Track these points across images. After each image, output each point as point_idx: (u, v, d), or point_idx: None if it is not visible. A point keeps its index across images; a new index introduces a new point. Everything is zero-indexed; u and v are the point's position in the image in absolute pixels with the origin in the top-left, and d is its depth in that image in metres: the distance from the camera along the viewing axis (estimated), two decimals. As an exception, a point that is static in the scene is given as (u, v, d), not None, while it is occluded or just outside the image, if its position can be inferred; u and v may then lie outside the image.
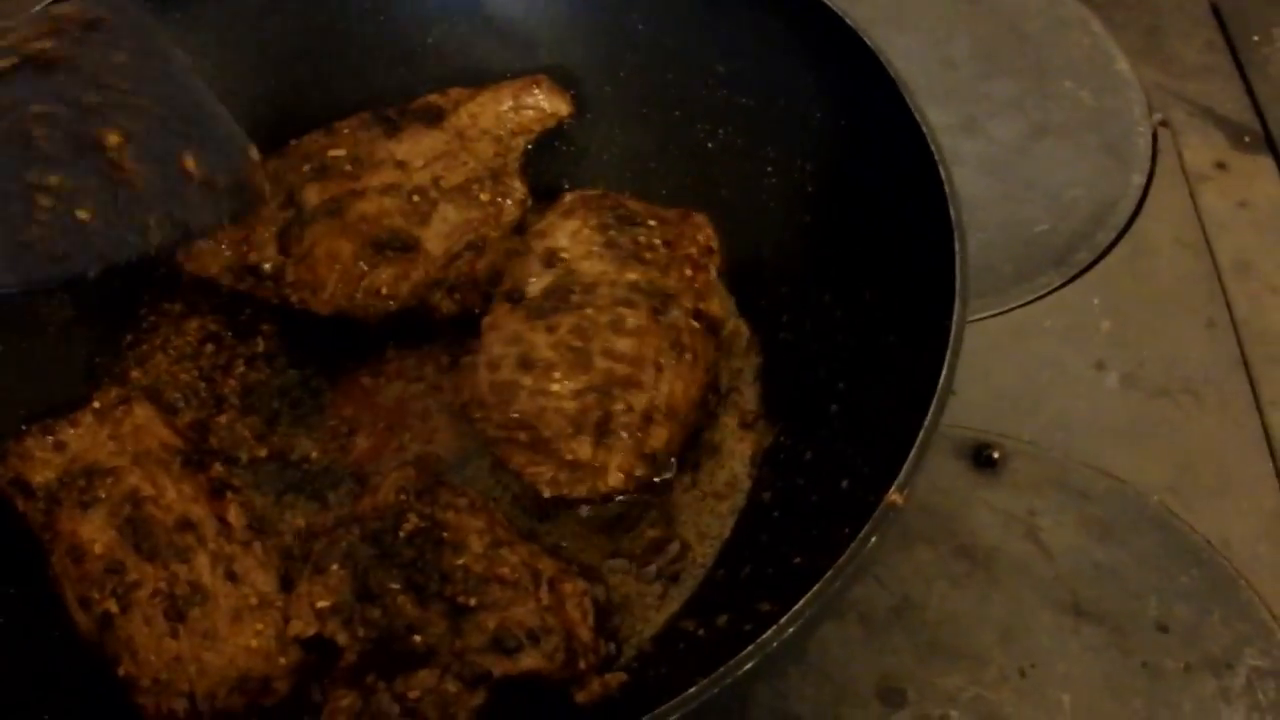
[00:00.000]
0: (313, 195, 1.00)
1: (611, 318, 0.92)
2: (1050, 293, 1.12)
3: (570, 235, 0.97)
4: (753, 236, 1.02)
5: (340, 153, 1.03)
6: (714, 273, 0.99)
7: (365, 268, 0.98)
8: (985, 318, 1.10)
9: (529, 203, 1.05)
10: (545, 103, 1.07)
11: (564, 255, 0.96)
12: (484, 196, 1.03)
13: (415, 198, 1.01)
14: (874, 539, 0.70)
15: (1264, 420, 1.06)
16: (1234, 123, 1.28)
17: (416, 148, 1.04)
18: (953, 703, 0.91)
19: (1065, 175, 1.20)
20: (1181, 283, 1.15)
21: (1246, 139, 1.27)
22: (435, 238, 0.99)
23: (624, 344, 0.91)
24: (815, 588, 0.68)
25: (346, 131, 1.05)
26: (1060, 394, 1.07)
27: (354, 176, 1.01)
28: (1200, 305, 1.13)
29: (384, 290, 0.98)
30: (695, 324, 0.95)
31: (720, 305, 0.99)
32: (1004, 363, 1.07)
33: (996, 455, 1.02)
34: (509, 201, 1.03)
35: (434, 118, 1.05)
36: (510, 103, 1.07)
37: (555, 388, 0.90)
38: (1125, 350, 1.10)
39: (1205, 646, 0.93)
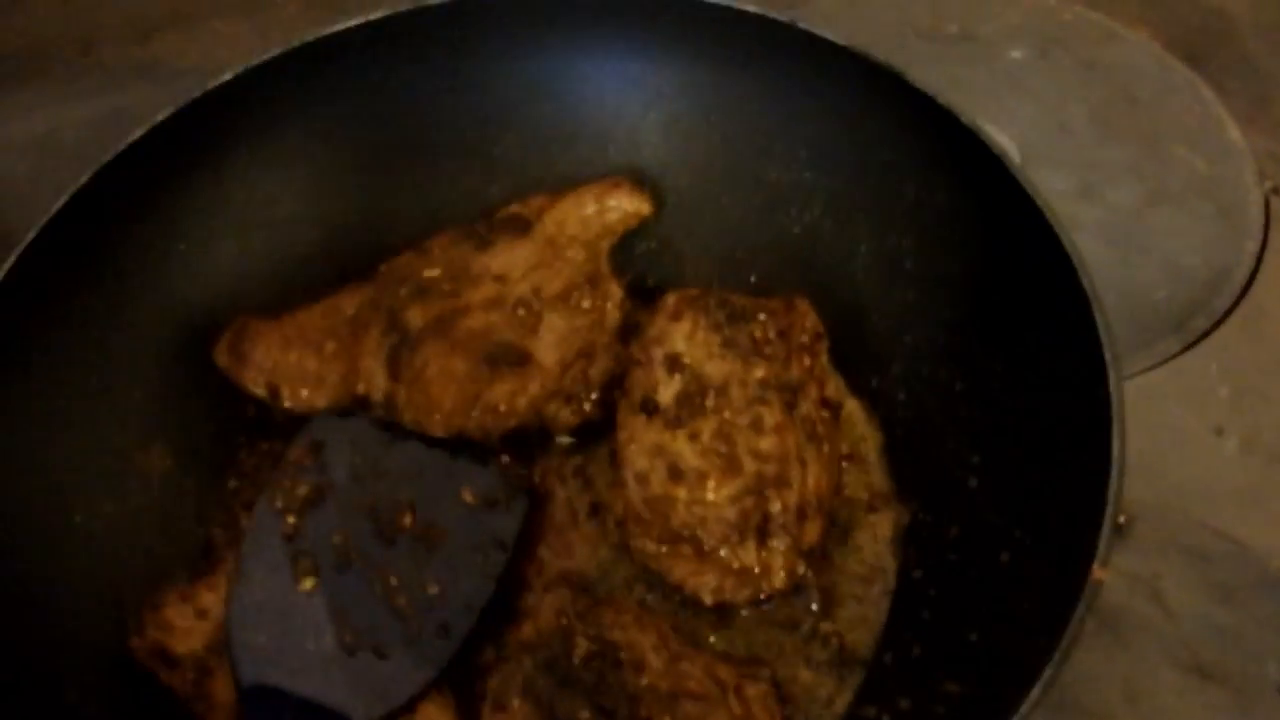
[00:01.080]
0: (416, 317, 1.00)
1: (750, 418, 0.93)
2: (1169, 360, 1.14)
3: (686, 338, 0.99)
4: (853, 317, 1.03)
5: (436, 272, 1.03)
6: (825, 357, 1.00)
7: (480, 385, 0.98)
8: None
9: (628, 305, 1.05)
10: (627, 203, 1.07)
11: (685, 360, 0.97)
12: (585, 303, 1.02)
13: (520, 310, 1.01)
14: (1084, 615, 0.72)
15: (1382, 488, 1.08)
16: (1345, 190, 1.30)
17: (511, 259, 1.04)
18: (1082, 761, 0.93)
19: (1181, 242, 1.22)
20: (1297, 349, 1.17)
21: (1356, 206, 1.28)
22: (546, 348, 0.99)
23: (767, 443, 0.92)
24: (1045, 673, 0.71)
25: (438, 250, 1.05)
26: (1181, 459, 1.09)
27: (455, 294, 1.01)
28: (1317, 371, 1.15)
29: (502, 406, 0.98)
30: (824, 412, 0.97)
31: (836, 388, 1.01)
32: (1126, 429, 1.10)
33: (1122, 519, 1.04)
34: (609, 304, 1.04)
35: (522, 228, 1.05)
36: (593, 206, 1.07)
37: (711, 496, 0.91)
38: (1244, 415, 1.12)
39: (1325, 710, 0.95)
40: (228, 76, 0.98)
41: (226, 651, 0.85)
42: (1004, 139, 1.08)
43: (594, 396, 1.00)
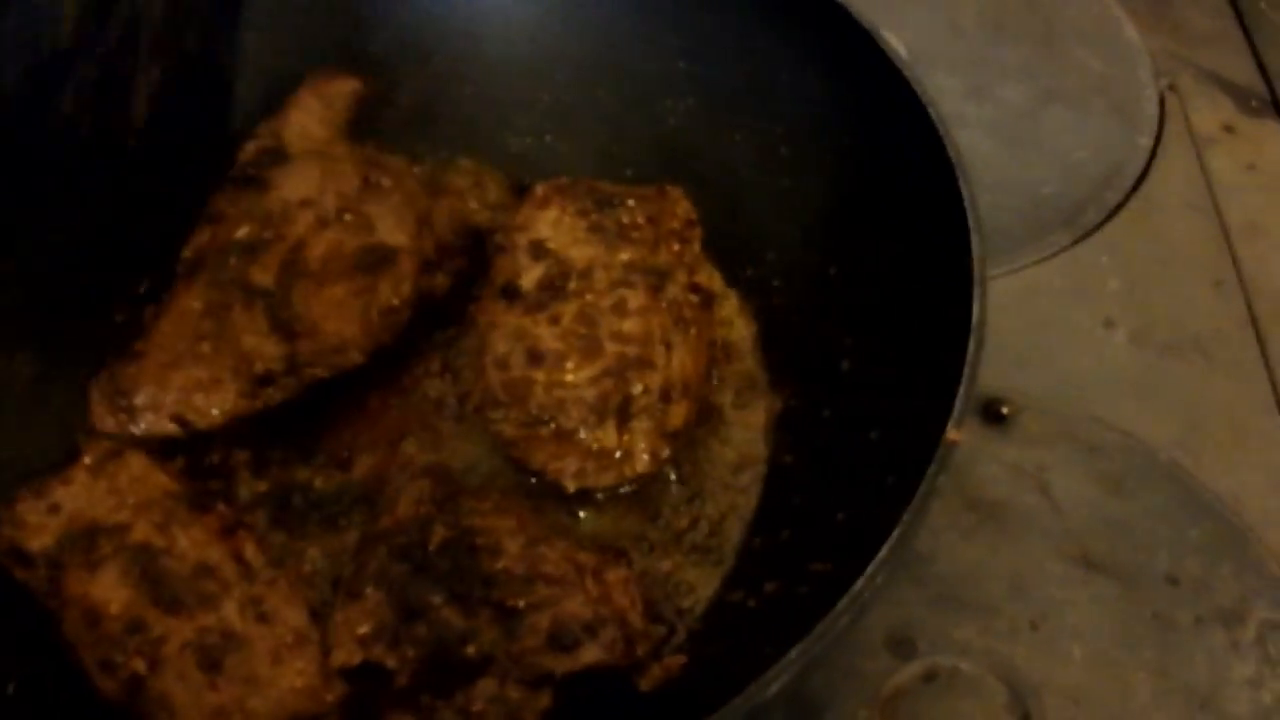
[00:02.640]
0: (264, 274, 0.94)
1: (613, 300, 0.91)
2: (1059, 253, 1.13)
3: (552, 224, 0.96)
4: (729, 206, 1.01)
5: (244, 230, 0.96)
6: (698, 245, 0.98)
7: (367, 295, 0.94)
8: (994, 277, 1.07)
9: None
10: (343, 88, 1.06)
11: (550, 245, 0.95)
12: (384, 181, 0.99)
13: (346, 216, 0.97)
14: (942, 477, 0.70)
15: (1272, 377, 1.06)
16: (1241, 87, 1.28)
17: (298, 184, 0.99)
18: (964, 654, 0.91)
19: (1073, 139, 1.21)
20: (1189, 243, 1.15)
21: (1254, 103, 1.27)
22: (391, 233, 0.96)
23: (630, 325, 0.90)
24: (896, 533, 0.68)
25: (227, 211, 0.98)
26: (1069, 351, 1.07)
27: (281, 237, 0.96)
28: (1208, 265, 1.13)
29: (395, 301, 0.95)
30: (692, 297, 0.94)
31: (709, 277, 0.99)
32: (1013, 321, 1.08)
33: (1006, 410, 1.02)
34: (399, 170, 1.02)
35: (279, 155, 1.01)
36: (319, 106, 1.04)
37: (570, 378, 0.88)
38: (1134, 308, 1.10)
39: (1215, 599, 0.94)
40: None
41: None
42: (892, 39, 1.06)
43: (455, 255, 0.99)
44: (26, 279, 0.94)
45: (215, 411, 0.91)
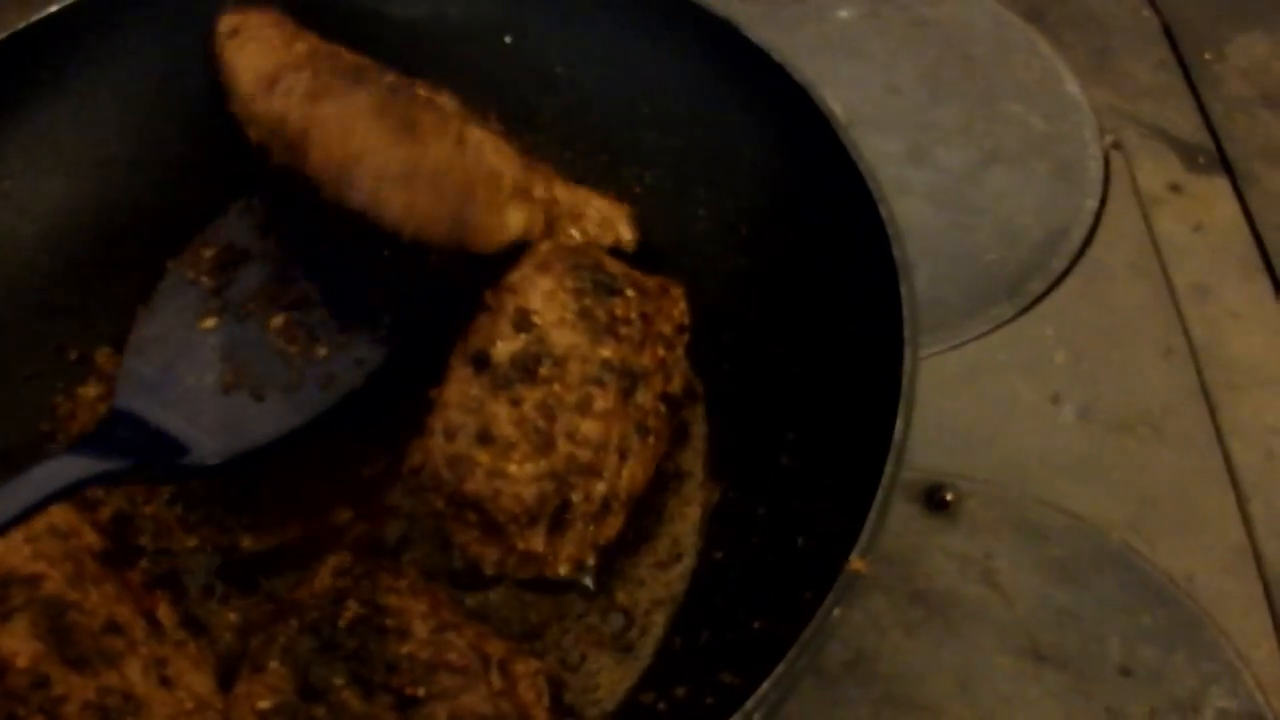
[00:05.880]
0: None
1: (579, 397, 0.86)
2: (1003, 325, 1.10)
3: (544, 296, 0.91)
4: (689, 284, 0.97)
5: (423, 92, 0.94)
6: (682, 349, 0.94)
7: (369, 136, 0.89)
8: (936, 353, 1.07)
9: None
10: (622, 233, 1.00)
11: (535, 320, 0.90)
12: None
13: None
14: (837, 610, 0.66)
15: (1225, 450, 1.03)
16: (1187, 143, 1.26)
17: None
18: (910, 758, 0.87)
19: (1015, 203, 1.18)
20: (1138, 310, 1.12)
21: (1200, 160, 1.24)
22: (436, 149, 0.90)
23: (589, 427, 0.86)
24: (778, 669, 0.64)
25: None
26: (1015, 430, 1.04)
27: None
28: (1157, 333, 1.10)
29: None
30: (661, 407, 0.91)
31: (681, 384, 0.95)
32: (956, 399, 1.05)
33: (950, 497, 0.98)
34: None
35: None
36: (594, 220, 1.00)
37: (514, 470, 0.84)
38: (1081, 382, 1.07)
39: (1170, 689, 0.90)
40: (55, 8, 0.94)
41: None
42: (832, 103, 1.03)
43: None
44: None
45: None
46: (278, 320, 0.90)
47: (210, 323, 0.91)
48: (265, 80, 0.92)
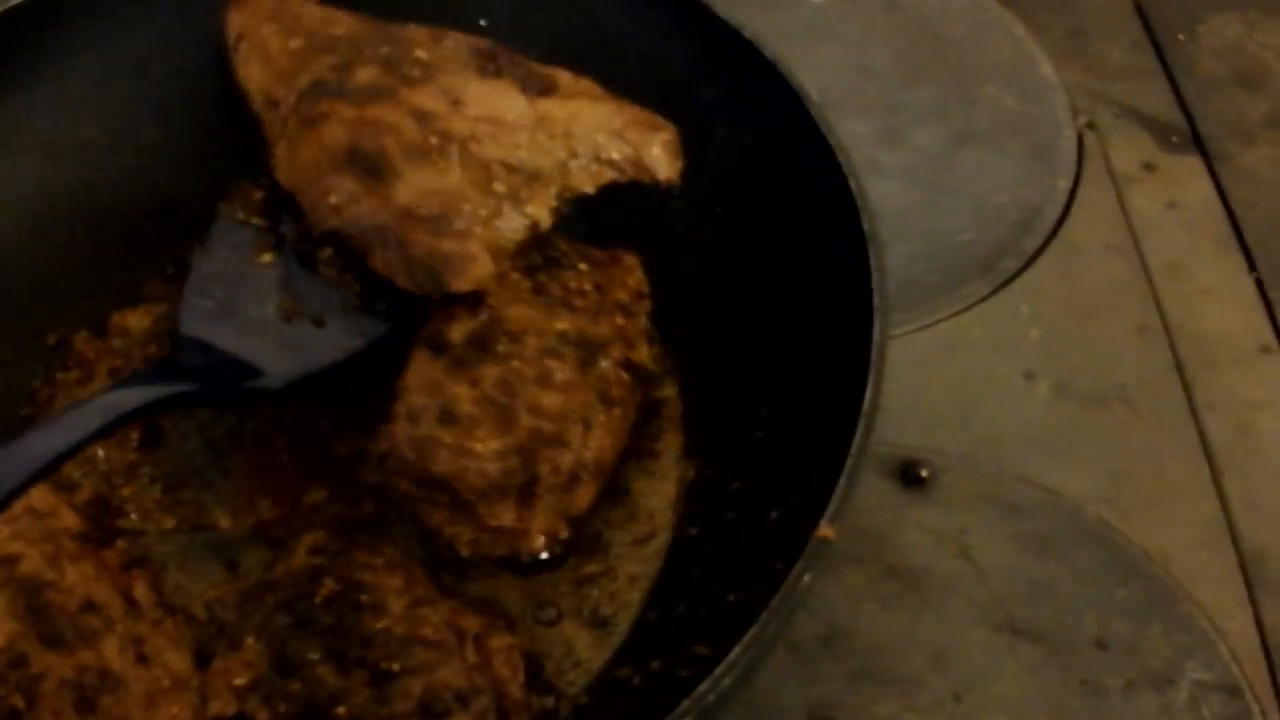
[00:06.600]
0: (365, 75, 0.91)
1: (538, 371, 0.87)
2: (977, 303, 1.10)
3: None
4: (662, 263, 0.98)
5: (424, 55, 0.93)
6: (644, 319, 0.94)
7: (332, 176, 0.87)
8: (911, 331, 1.07)
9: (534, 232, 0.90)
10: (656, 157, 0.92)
11: (489, 299, 0.90)
12: (498, 187, 0.89)
13: (433, 139, 0.89)
14: (807, 576, 0.66)
15: (1199, 425, 1.03)
16: (1161, 123, 1.26)
17: (488, 98, 0.92)
18: (886, 732, 0.87)
19: (989, 182, 1.18)
20: (1112, 287, 1.12)
21: (1174, 139, 1.25)
22: (408, 186, 0.87)
23: (550, 400, 0.86)
24: (749, 633, 0.64)
25: (448, 44, 0.94)
26: (990, 406, 1.04)
27: (408, 82, 0.91)
28: (1132, 310, 1.11)
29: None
30: (624, 375, 0.90)
31: (648, 352, 0.94)
32: (931, 376, 1.05)
33: (925, 473, 0.99)
34: (514, 212, 0.89)
35: (542, 89, 0.93)
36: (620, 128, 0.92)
37: (478, 447, 0.85)
38: (1055, 359, 1.07)
39: (1146, 662, 0.91)
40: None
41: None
42: (806, 86, 1.03)
43: None
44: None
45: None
46: (326, 252, 0.90)
47: (267, 258, 0.92)
48: (268, 101, 0.93)
